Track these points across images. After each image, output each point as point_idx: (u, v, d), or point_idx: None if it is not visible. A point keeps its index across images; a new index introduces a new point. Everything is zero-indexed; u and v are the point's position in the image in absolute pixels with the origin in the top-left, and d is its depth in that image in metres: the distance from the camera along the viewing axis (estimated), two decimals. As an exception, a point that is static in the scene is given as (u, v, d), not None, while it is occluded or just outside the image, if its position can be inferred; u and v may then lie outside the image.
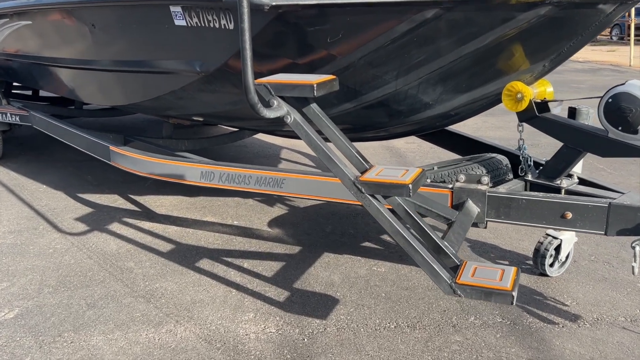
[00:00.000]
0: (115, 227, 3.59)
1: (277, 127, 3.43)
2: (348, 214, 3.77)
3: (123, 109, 3.93)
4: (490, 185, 2.33)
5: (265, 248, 3.24)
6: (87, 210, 3.91)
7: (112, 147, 3.36)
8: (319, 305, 2.57)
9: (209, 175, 2.86)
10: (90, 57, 3.34)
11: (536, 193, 2.22)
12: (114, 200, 4.12)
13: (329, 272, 2.91)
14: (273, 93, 1.82)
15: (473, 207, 2.27)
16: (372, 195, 1.87)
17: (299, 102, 1.94)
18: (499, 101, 2.57)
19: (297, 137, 4.28)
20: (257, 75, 2.54)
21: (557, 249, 2.74)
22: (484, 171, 2.54)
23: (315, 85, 1.76)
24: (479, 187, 2.29)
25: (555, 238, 2.70)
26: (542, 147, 4.96)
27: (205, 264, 3.02)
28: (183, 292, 2.71)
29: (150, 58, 2.83)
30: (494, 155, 2.71)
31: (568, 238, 2.73)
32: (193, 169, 2.92)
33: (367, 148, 5.70)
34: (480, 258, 3.07)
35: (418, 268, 2.88)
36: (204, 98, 2.85)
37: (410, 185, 1.73)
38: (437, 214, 2.16)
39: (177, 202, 4.07)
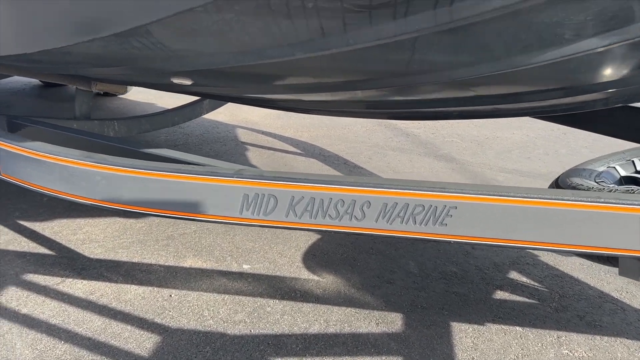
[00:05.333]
0: (17, 299, 1.89)
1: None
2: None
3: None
4: None
5: (341, 324, 1.81)
6: (-56, 263, 2.12)
7: (1, 143, 1.65)
8: None
9: (272, 203, 1.36)
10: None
11: None
12: (-6, 237, 2.35)
13: (500, 372, 1.59)
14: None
15: None
16: None
17: None
18: None
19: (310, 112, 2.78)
20: None
21: None
22: None
23: None
24: None
25: None
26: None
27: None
28: None
29: None
30: None
31: None
32: (229, 190, 1.39)
33: (345, 125, 4.31)
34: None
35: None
36: (240, 35, 1.31)
37: None
38: None
39: (114, 231, 2.42)
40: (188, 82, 1.84)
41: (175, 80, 1.83)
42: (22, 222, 2.51)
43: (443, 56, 1.38)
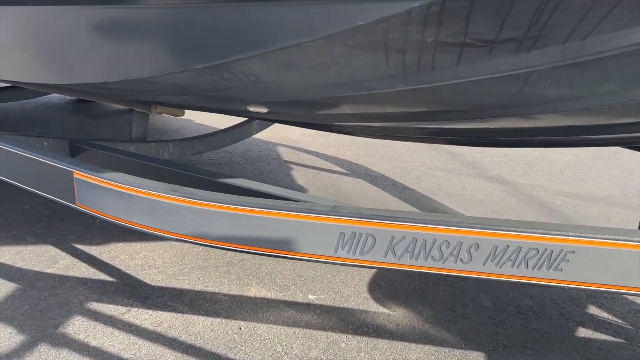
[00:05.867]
0: (85, 330, 1.84)
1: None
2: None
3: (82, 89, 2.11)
4: None
5: (422, 363, 1.73)
6: (4, 289, 2.09)
7: (79, 173, 1.62)
8: None
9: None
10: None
11: None
12: (51, 261, 2.31)
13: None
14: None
15: None
16: None
17: None
18: None
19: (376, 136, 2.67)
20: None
21: None
22: None
23: None
24: None
25: None
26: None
27: None
28: None
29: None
30: None
31: None
32: (324, 228, 1.33)
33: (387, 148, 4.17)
34: None
35: None
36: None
37: None
38: None
39: (172, 256, 2.38)
40: (264, 110, 1.79)
41: (252, 109, 1.79)
42: (78, 246, 2.49)
43: (555, 89, 1.31)
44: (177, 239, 1.47)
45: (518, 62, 1.17)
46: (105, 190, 1.58)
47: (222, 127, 3.26)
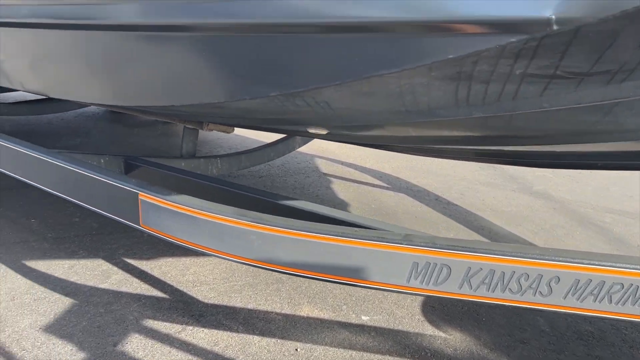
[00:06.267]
0: (143, 349, 1.86)
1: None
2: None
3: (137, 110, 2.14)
4: None
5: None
6: (61, 304, 2.12)
7: (145, 195, 1.63)
8: None
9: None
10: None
11: None
12: (104, 275, 2.34)
13: None
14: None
15: None
16: None
17: None
18: None
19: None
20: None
21: None
22: None
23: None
24: None
25: None
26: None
27: None
28: None
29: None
30: None
31: None
32: (397, 257, 1.32)
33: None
34: None
35: None
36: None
37: None
38: None
39: (221, 272, 2.39)
40: (324, 131, 1.79)
41: (312, 130, 1.79)
42: (129, 260, 2.51)
43: (638, 118, 1.28)
44: (243, 262, 1.47)
45: (607, 94, 1.14)
46: (171, 213, 1.60)
47: (255, 138, 3.27)
